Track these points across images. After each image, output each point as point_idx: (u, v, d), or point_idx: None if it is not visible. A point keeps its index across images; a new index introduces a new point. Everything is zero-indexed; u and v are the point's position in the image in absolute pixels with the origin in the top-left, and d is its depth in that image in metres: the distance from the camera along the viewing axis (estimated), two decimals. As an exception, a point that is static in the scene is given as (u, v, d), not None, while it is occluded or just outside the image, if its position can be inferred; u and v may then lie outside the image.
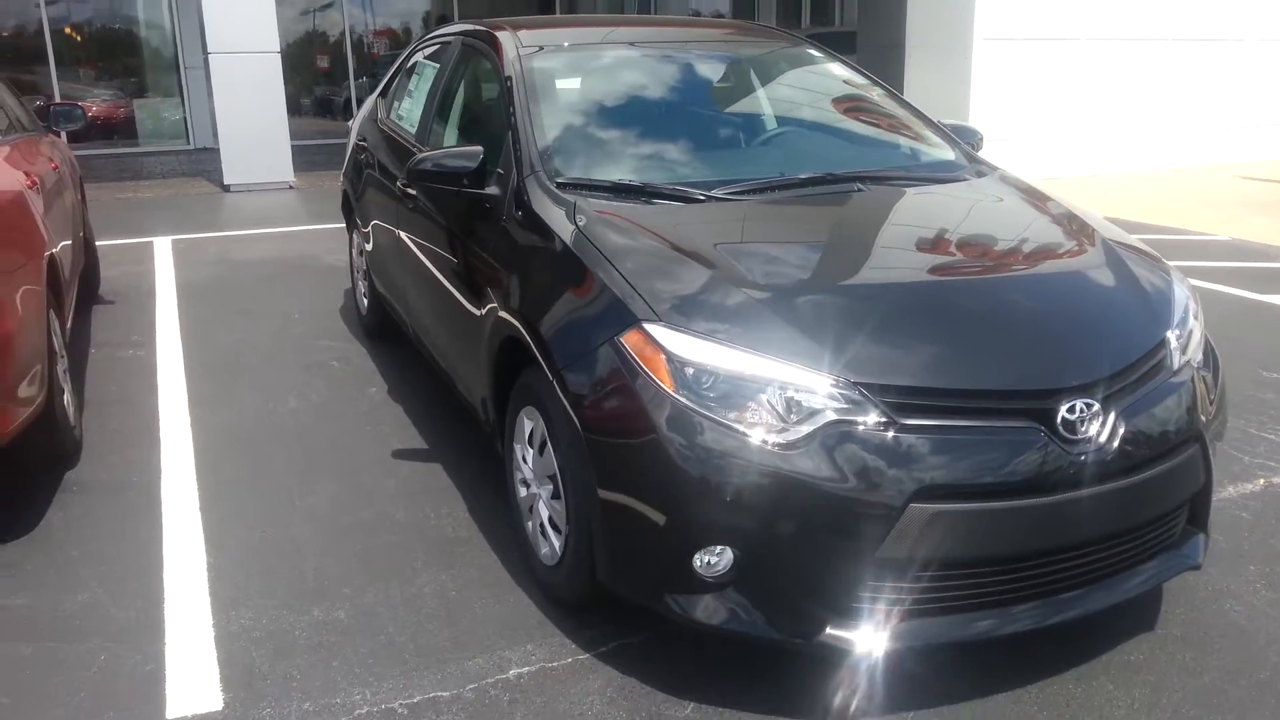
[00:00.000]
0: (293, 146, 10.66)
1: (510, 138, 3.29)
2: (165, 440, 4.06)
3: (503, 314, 2.99)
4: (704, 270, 2.61)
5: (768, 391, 2.31)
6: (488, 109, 3.84)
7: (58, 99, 13.65)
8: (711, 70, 3.95)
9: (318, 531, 3.33)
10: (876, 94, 3.97)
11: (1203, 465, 2.57)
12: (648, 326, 2.43)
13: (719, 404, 2.32)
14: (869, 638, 2.30)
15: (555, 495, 2.76)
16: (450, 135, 4.05)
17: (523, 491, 3.03)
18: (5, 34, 14.38)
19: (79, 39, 15.07)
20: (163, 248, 7.62)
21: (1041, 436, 2.30)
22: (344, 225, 5.80)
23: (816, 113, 3.93)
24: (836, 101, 3.95)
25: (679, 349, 2.38)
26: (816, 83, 4.06)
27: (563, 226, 2.89)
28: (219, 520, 3.40)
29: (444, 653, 2.68)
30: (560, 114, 3.44)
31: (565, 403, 2.57)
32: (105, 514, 3.46)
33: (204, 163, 12.85)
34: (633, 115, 3.59)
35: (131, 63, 15.43)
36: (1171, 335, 2.64)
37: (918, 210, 3.17)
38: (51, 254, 3.86)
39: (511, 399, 3.03)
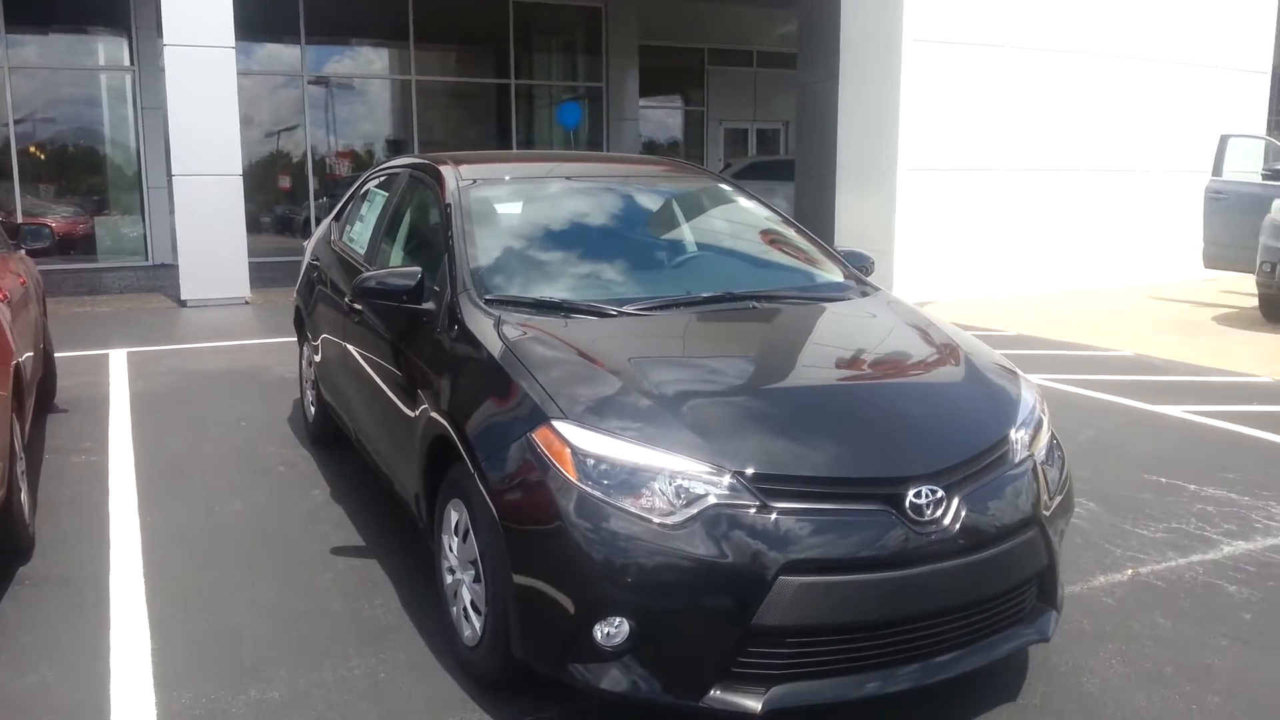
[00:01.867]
0: (251, 263, 11.04)
1: (446, 259, 3.68)
2: (115, 539, 4.29)
3: (433, 415, 3.32)
4: (609, 376, 2.98)
5: (659, 480, 2.66)
6: (430, 233, 4.24)
7: (19, 215, 13.98)
8: (633, 203, 4.41)
9: (258, 620, 3.57)
10: (782, 226, 4.43)
11: (1044, 547, 2.93)
12: (556, 424, 2.78)
13: (616, 491, 2.65)
14: (750, 698, 2.59)
15: (476, 579, 3.05)
16: (396, 256, 4.44)
17: (448, 578, 3.31)
18: (-32, 150, 14.77)
19: (43, 157, 15.49)
20: (118, 359, 7.88)
21: (893, 518, 2.66)
22: (295, 339, 6.14)
23: (725, 241, 4.39)
24: (744, 231, 4.42)
25: (582, 443, 2.73)
26: (729, 215, 4.54)
27: (488, 338, 3.25)
28: (164, 610, 3.63)
29: (371, 727, 2.92)
30: (491, 238, 3.84)
31: (485, 493, 2.89)
32: (56, 605, 3.67)
33: (161, 278, 13.17)
34: (557, 240, 4.01)
35: (94, 181, 15.86)
36: (1015, 433, 3.03)
37: (799, 325, 3.60)
38: (17, 362, 4.15)
39: (440, 493, 3.33)
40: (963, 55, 11.21)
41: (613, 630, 2.63)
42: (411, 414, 3.55)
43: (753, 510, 2.61)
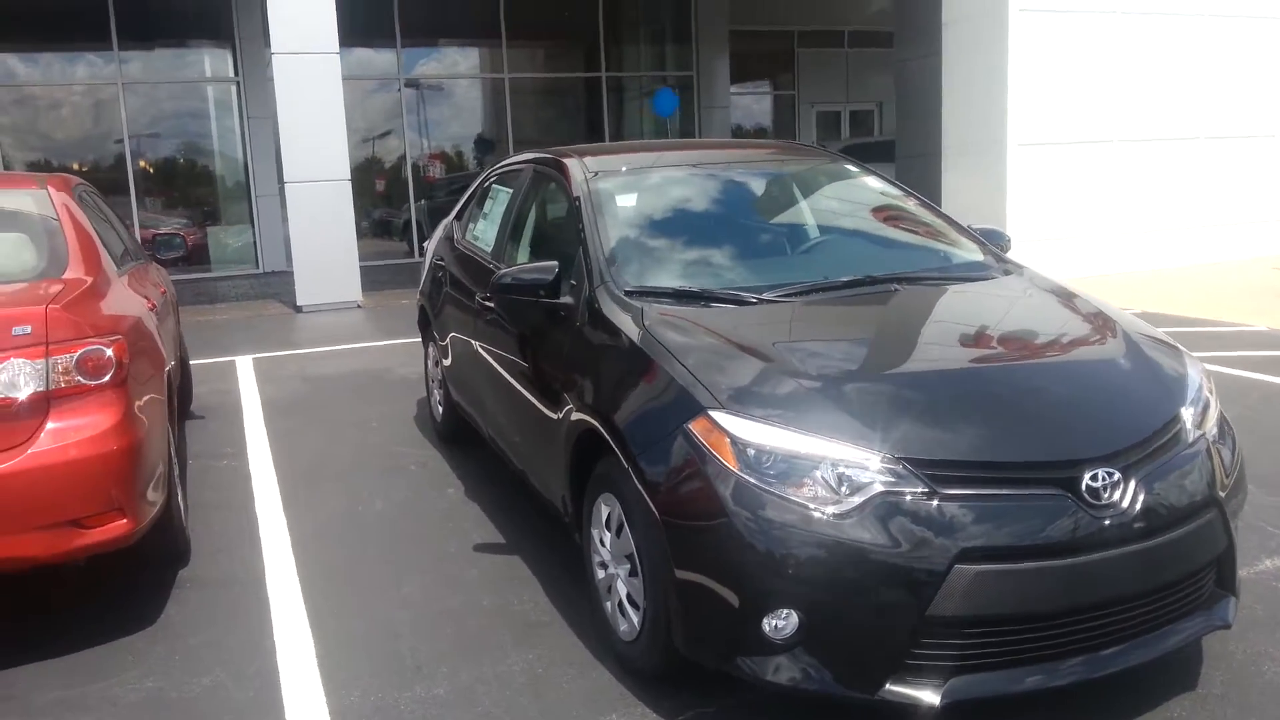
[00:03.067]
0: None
1: (581, 252, 3.68)
2: (266, 540, 4.41)
3: (579, 410, 3.32)
4: (760, 363, 2.94)
5: (821, 468, 2.61)
6: (559, 227, 4.25)
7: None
8: (757, 186, 4.36)
9: (412, 617, 3.63)
10: (909, 203, 4.33)
11: (1222, 530, 2.81)
12: (713, 413, 2.75)
13: (778, 481, 2.62)
14: (928, 691, 2.53)
15: (633, 574, 3.05)
16: (523, 252, 4.47)
17: (600, 573, 3.32)
18: (89, 167, 15.37)
19: (152, 170, 16.06)
20: (245, 366, 8.12)
21: (1069, 503, 2.57)
22: (416, 339, 6.24)
23: (854, 221, 4.31)
24: (872, 211, 4.33)
25: (742, 432, 2.69)
26: (853, 194, 4.45)
27: (632, 329, 3.24)
28: (322, 609, 3.72)
29: (535, 722, 2.94)
30: (624, 229, 3.83)
31: (640, 487, 2.88)
32: (218, 607, 3.79)
33: (274, 285, 13.54)
34: (688, 229, 3.98)
35: (204, 192, 16.39)
36: (1185, 411, 2.90)
37: (951, 307, 3.50)
38: (168, 370, 4.29)
39: (588, 488, 3.34)
40: (1070, 23, 10.85)
41: (781, 623, 2.60)
42: (553, 409, 3.56)
43: (922, 497, 2.55)
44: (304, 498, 4.93)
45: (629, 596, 3.10)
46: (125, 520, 3.42)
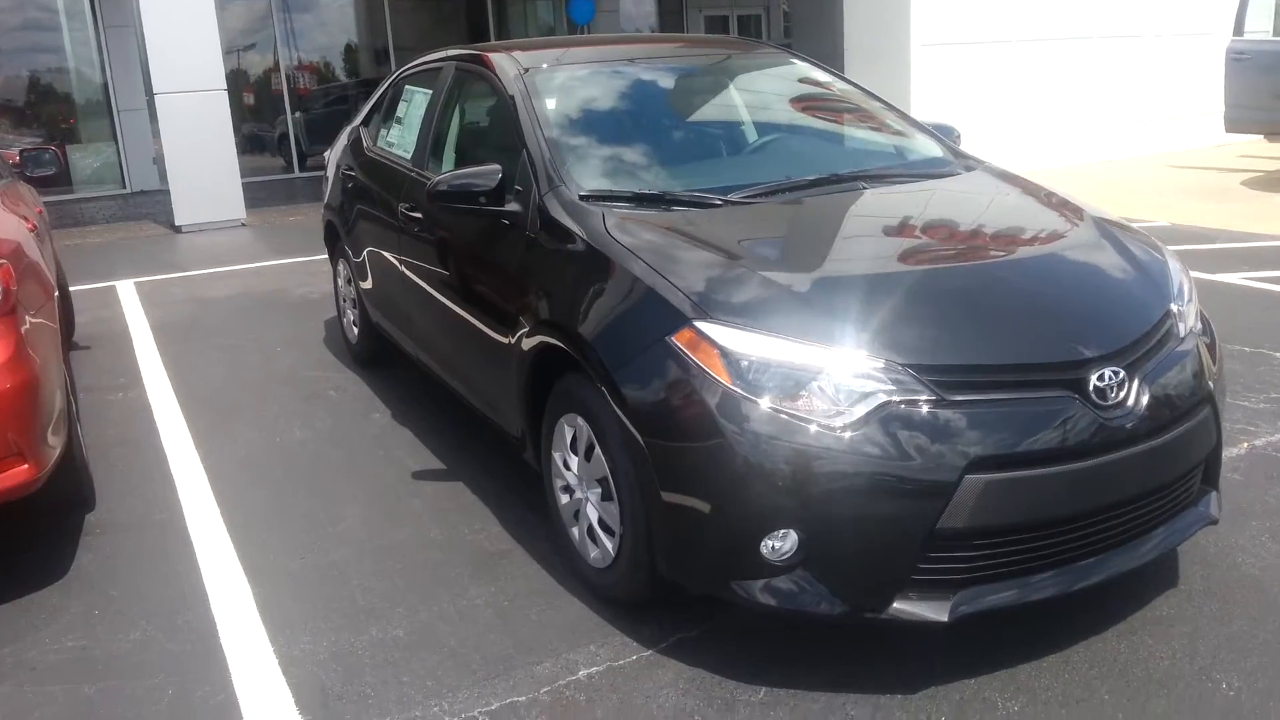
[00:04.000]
0: (240, 184, 10.59)
1: (525, 156, 3.37)
2: (179, 477, 4.06)
3: (534, 326, 3.06)
4: (740, 268, 2.72)
5: (820, 378, 2.43)
6: (490, 131, 3.92)
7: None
8: (702, 82, 4.08)
9: (356, 554, 3.36)
10: (862, 98, 4.12)
11: (1214, 424, 2.75)
12: (699, 324, 2.53)
13: (775, 393, 2.42)
14: (935, 608, 2.41)
15: (605, 498, 2.84)
16: (449, 158, 4.12)
17: (564, 498, 3.10)
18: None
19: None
20: (127, 291, 7.54)
21: (1078, 404, 2.45)
22: (309, 258, 5.80)
23: (808, 118, 4.08)
24: (826, 106, 4.11)
25: (732, 343, 2.48)
26: (804, 89, 4.21)
27: (596, 235, 2.98)
28: (253, 550, 3.42)
29: (510, 660, 2.74)
30: (570, 130, 3.53)
31: (615, 406, 2.66)
32: (135, 553, 3.45)
33: (145, 205, 12.68)
34: (636, 128, 3.71)
35: (60, 110, 15.14)
36: (1174, 306, 2.81)
37: (926, 205, 3.32)
38: (55, 296, 3.84)
39: (548, 408, 3.10)
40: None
41: (779, 544, 2.43)
42: (501, 325, 3.29)
43: (929, 405, 2.39)
44: (214, 429, 4.56)
45: (600, 521, 2.90)
46: (27, 465, 3.05)
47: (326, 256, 5.83)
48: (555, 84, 3.74)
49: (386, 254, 4.46)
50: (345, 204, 5.08)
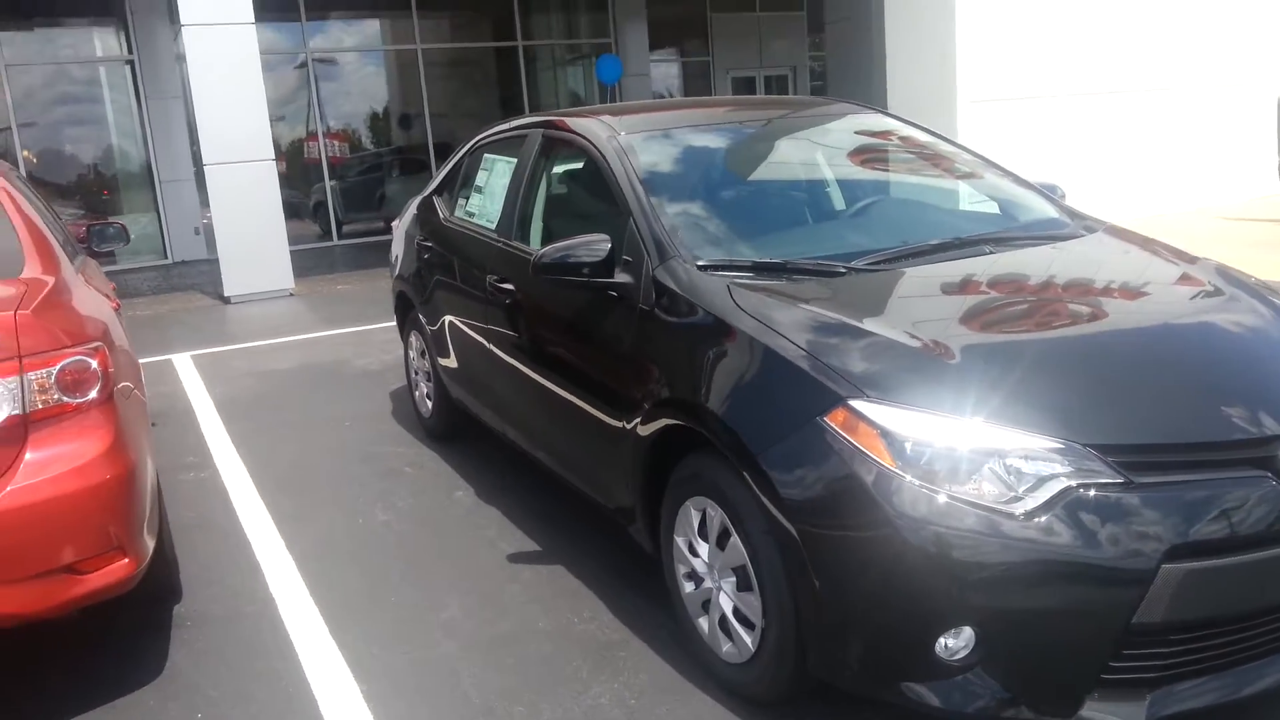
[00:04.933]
0: (286, 254, 10.56)
1: (632, 224, 3.24)
2: (264, 563, 3.90)
3: (655, 404, 2.91)
4: (888, 341, 2.56)
5: (992, 461, 2.25)
6: (585, 198, 3.80)
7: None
8: (802, 145, 3.96)
9: (463, 647, 3.18)
10: (966, 156, 3.98)
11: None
12: (854, 403, 2.37)
13: (945, 477, 2.25)
14: (1130, 710, 2.21)
15: (743, 588, 2.66)
16: (538, 228, 3.99)
17: (689, 586, 2.92)
18: (-30, 158, 14.21)
19: (37, 160, 14.91)
20: (184, 364, 7.46)
21: (1270, 483, 2.26)
22: (363, 327, 5.66)
23: (915, 177, 3.94)
24: (928, 164, 3.96)
25: (893, 424, 2.32)
26: (909, 148, 4.07)
27: (723, 308, 2.82)
28: (354, 643, 3.24)
29: (649, 765, 2.54)
30: (673, 195, 3.39)
31: (758, 491, 2.49)
32: (231, 648, 3.29)
33: (188, 276, 12.71)
34: (741, 194, 3.59)
35: (102, 181, 15.29)
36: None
37: (1062, 268, 3.15)
38: (142, 378, 3.73)
39: (669, 491, 2.94)
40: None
41: (954, 642, 2.24)
42: (614, 405, 3.13)
43: (1116, 489, 2.21)
44: (293, 510, 4.41)
45: (736, 612, 2.71)
46: (127, 560, 2.89)
47: (381, 326, 5.72)
48: (653, 148, 3.62)
49: (469, 326, 4.33)
50: (421, 275, 4.97)
